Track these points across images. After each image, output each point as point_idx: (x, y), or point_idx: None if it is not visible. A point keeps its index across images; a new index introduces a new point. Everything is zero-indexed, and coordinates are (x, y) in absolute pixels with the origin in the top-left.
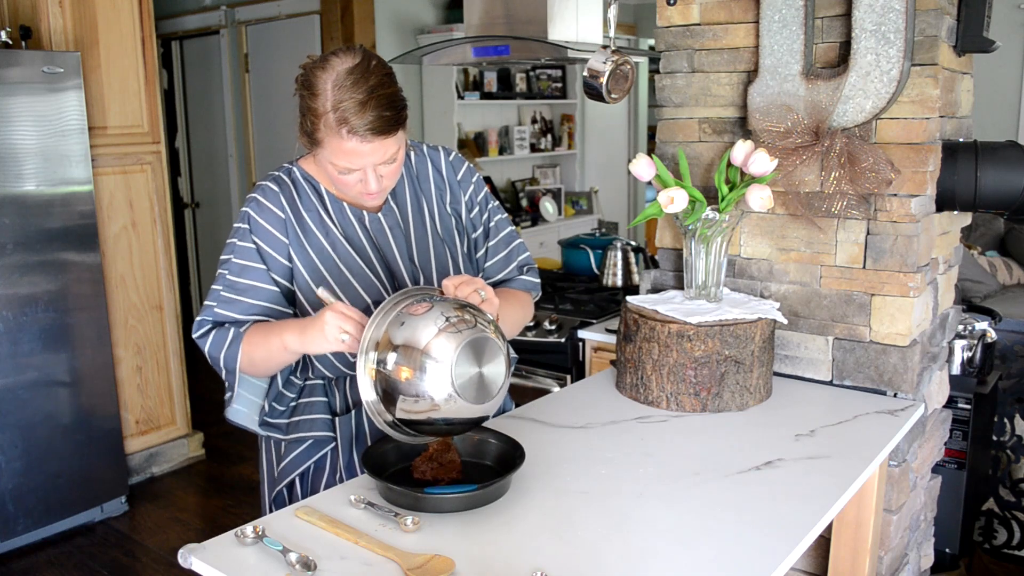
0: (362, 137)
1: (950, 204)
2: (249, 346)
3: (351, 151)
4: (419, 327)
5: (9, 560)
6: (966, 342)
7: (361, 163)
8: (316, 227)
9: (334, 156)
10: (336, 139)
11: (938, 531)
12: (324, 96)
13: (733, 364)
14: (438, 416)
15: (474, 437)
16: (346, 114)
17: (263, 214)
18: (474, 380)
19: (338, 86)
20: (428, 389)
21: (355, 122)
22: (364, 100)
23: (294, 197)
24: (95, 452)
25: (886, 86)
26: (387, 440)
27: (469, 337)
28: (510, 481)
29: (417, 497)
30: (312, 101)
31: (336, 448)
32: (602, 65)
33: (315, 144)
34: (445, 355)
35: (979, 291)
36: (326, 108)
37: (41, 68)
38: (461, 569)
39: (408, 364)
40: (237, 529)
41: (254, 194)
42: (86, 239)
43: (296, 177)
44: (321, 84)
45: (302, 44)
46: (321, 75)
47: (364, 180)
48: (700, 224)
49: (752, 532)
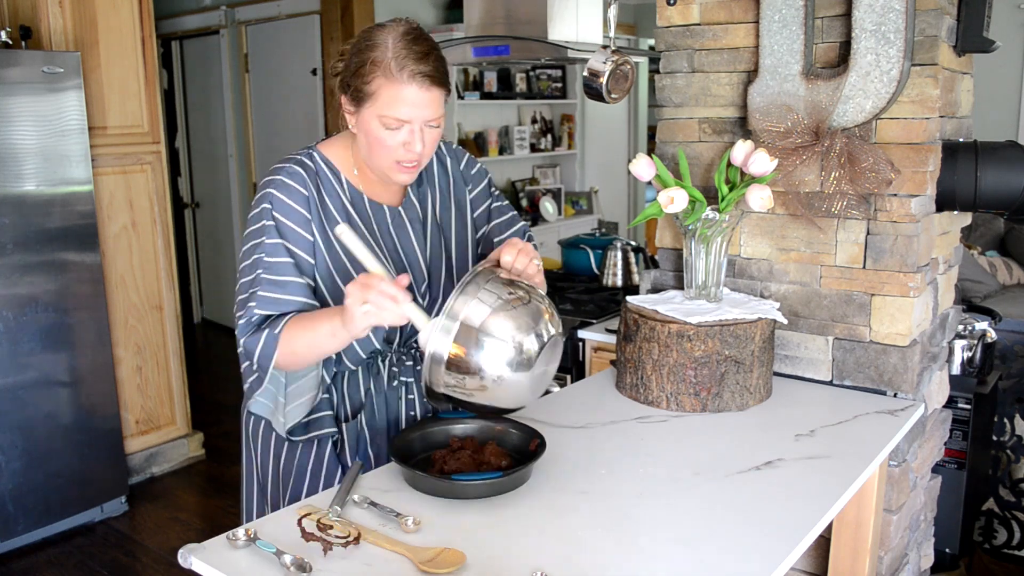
0: (420, 83)
1: (950, 204)
2: (290, 337)
3: (410, 99)
4: (506, 316)
5: (9, 560)
6: (966, 342)
7: (412, 114)
8: (339, 214)
9: (388, 106)
10: (394, 86)
11: (938, 531)
12: (385, 46)
13: (733, 364)
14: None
15: (495, 427)
16: (407, 60)
17: (287, 192)
18: (538, 373)
19: (399, 39)
20: (493, 365)
21: (416, 67)
22: (426, 52)
23: (317, 181)
24: (95, 452)
25: (886, 86)
26: (412, 430)
27: (549, 341)
28: (531, 469)
29: (444, 484)
30: (371, 52)
31: (336, 448)
32: (602, 65)
33: (364, 99)
34: (529, 348)
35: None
36: (386, 56)
37: (41, 68)
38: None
39: (483, 344)
40: (229, 532)
41: (277, 176)
42: (86, 239)
43: (317, 162)
44: (382, 37)
45: (302, 44)
46: (381, 32)
47: (410, 141)
48: (700, 224)
49: (752, 532)
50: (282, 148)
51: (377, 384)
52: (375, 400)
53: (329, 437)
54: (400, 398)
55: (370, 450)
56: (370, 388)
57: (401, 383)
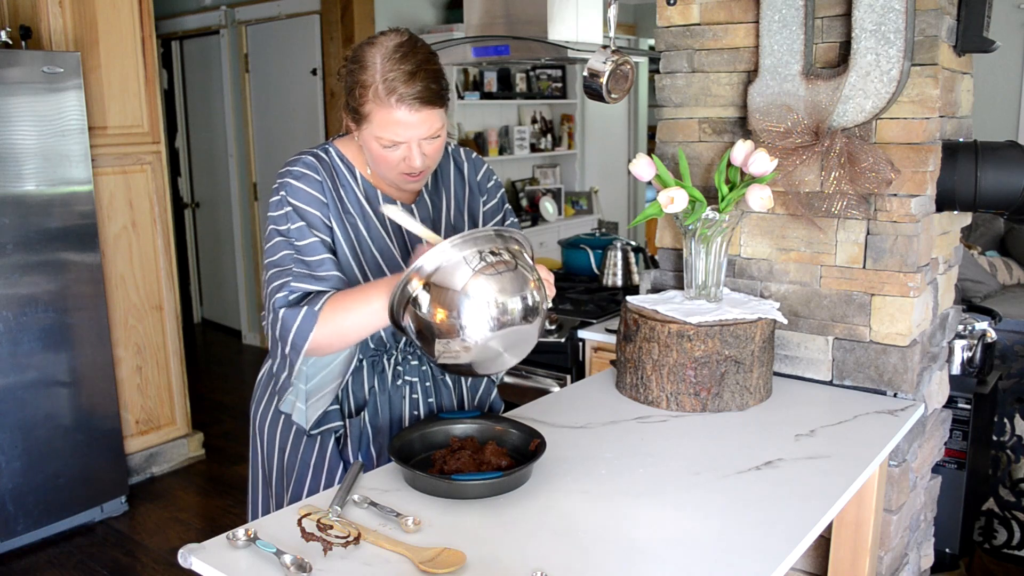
0: (410, 106)
1: (950, 204)
2: (332, 314)
3: (399, 121)
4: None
5: (9, 560)
6: (966, 342)
7: (407, 135)
8: (353, 208)
9: (381, 128)
10: (384, 109)
11: (938, 531)
12: (373, 68)
13: (733, 364)
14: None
15: (495, 427)
16: (395, 83)
17: (303, 180)
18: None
19: (387, 59)
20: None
21: (404, 91)
22: (413, 71)
23: (333, 174)
24: (95, 452)
25: (886, 86)
26: (412, 430)
27: (527, 311)
28: (531, 469)
29: (444, 484)
30: (361, 74)
31: (340, 444)
32: (602, 65)
33: (360, 120)
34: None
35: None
36: (375, 79)
37: (41, 68)
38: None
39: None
40: (229, 532)
41: (293, 167)
42: (86, 239)
43: (333, 156)
44: (370, 58)
45: (302, 44)
46: (370, 50)
47: (408, 157)
48: (700, 224)
49: (752, 532)
50: (282, 148)
51: (381, 382)
52: (379, 398)
53: (333, 432)
54: (404, 397)
55: (372, 448)
56: (374, 386)
57: (405, 382)
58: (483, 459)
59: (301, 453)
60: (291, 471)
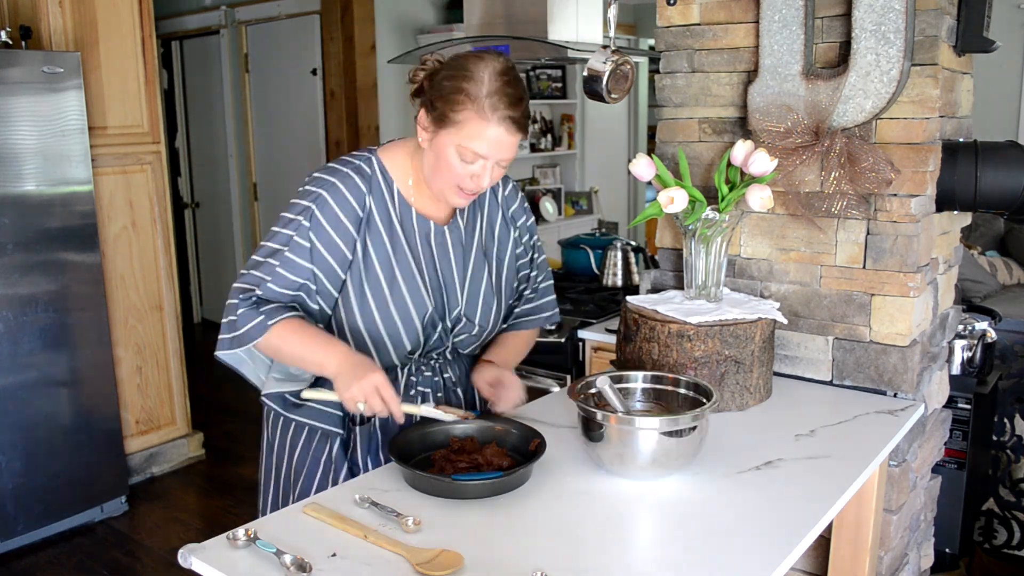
0: (508, 128)
1: (950, 204)
2: (281, 336)
3: (492, 138)
4: None
5: (9, 560)
6: (966, 342)
7: (492, 153)
8: (384, 228)
9: (470, 139)
10: (483, 123)
11: (938, 531)
12: (482, 82)
13: (733, 364)
14: None
15: (495, 427)
16: (502, 103)
17: (340, 203)
18: None
19: (496, 78)
20: None
21: (508, 112)
22: (520, 97)
23: (370, 187)
24: (95, 452)
25: (886, 86)
26: (411, 430)
27: None
28: (531, 469)
29: (444, 484)
30: (466, 82)
31: (347, 447)
32: (602, 65)
33: (446, 124)
34: None
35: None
36: (481, 92)
37: (41, 68)
38: (468, 564)
39: None
40: (229, 532)
41: (334, 179)
42: (86, 239)
43: (375, 168)
44: (480, 71)
45: (302, 44)
46: (479, 63)
47: (479, 175)
48: (700, 224)
49: (752, 532)
50: (282, 148)
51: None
52: None
53: (335, 434)
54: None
55: (381, 453)
56: None
57: (418, 392)
58: (483, 459)
59: (313, 450)
60: (300, 471)
